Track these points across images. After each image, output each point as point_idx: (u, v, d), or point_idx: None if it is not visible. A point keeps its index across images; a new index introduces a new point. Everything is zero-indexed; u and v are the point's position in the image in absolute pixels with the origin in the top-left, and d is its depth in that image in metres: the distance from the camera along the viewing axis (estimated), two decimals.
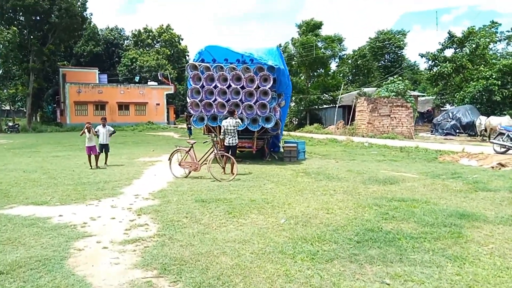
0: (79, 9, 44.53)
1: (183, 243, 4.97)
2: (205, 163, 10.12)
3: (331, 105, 42.16)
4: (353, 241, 5.04)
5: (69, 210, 6.85)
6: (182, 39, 68.08)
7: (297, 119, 41.83)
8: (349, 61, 49.33)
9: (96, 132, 12.51)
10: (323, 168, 11.83)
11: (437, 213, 6.30)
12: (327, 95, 39.06)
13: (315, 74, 40.01)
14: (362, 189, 8.55)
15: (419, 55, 33.63)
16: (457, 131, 27.03)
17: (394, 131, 25.10)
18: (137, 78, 50.72)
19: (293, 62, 39.85)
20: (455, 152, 14.80)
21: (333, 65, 48.58)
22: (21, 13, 40.41)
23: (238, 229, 5.61)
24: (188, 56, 69.94)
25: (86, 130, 12.21)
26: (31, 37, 40.89)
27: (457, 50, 32.94)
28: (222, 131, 11.17)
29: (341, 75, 49.80)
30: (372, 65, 47.24)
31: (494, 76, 28.53)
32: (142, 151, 18.16)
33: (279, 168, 12.05)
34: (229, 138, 11.04)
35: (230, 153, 10.69)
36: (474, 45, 30.06)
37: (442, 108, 38.47)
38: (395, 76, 30.91)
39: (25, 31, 40.98)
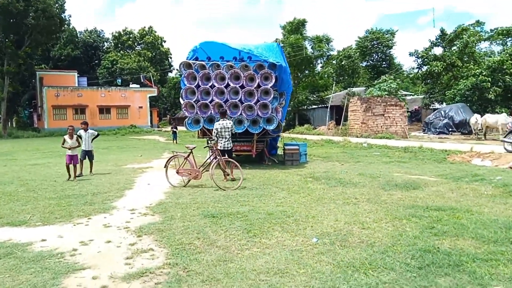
0: (57, 10, 42.68)
1: (204, 277, 3.93)
2: (207, 170, 9.06)
3: (320, 106, 41.58)
4: (413, 267, 4.10)
5: (54, 231, 5.71)
6: (164, 41, 66.61)
7: (285, 120, 41.03)
8: (334, 61, 48.87)
9: (79, 136, 11.13)
10: (330, 172, 10.94)
11: (490, 225, 5.44)
12: (315, 96, 38.40)
13: (303, 74, 39.29)
14: (386, 196, 7.68)
15: (409, 54, 33.15)
16: (450, 129, 26.60)
17: (388, 130, 24.49)
18: (119, 81, 49.05)
19: None
20: (463, 151, 14.14)
21: (318, 66, 48.06)
22: None
23: (266, 254, 4.61)
24: (171, 58, 68.69)
25: (66, 137, 10.66)
26: (6, 39, 38.87)
27: (446, 49, 32.70)
28: (214, 134, 10.09)
29: (326, 75, 49.30)
30: (357, 65, 46.89)
31: (484, 73, 28.35)
32: (129, 156, 16.94)
33: (283, 173, 11.09)
34: (224, 141, 10.01)
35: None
36: (463, 43, 29.82)
37: (430, 107, 38.27)
38: (386, 75, 30.36)
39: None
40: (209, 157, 9.67)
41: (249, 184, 9.24)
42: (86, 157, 11.29)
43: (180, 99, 12.48)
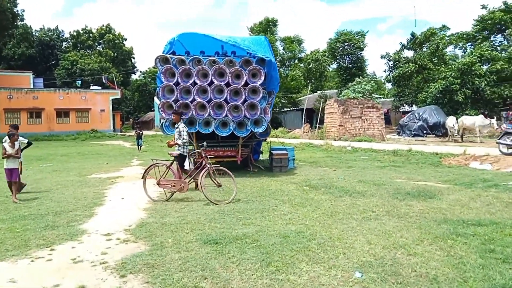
0: (8, 4, 39.47)
1: None
2: (194, 181, 7.72)
3: (291, 108, 40.90)
4: None
5: (4, 272, 4.23)
6: (125, 39, 63.76)
7: None
8: (301, 65, 48.43)
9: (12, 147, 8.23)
10: (327, 179, 9.90)
11: None
12: (287, 98, 37.65)
13: None
14: (405, 208, 6.69)
15: (380, 56, 33.20)
16: (425, 132, 26.52)
17: (366, 133, 23.96)
18: (78, 83, 46.01)
19: None
20: (455, 154, 13.59)
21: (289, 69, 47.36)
22: None
23: None
24: (134, 58, 66.02)
25: (6, 145, 8.08)
26: None
27: (416, 51, 32.90)
28: (183, 137, 8.16)
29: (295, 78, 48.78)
30: (324, 68, 46.67)
31: (453, 75, 28.61)
32: (93, 164, 15.15)
33: (275, 181, 9.92)
34: (187, 146, 8.47)
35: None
36: (434, 45, 30.01)
37: (399, 110, 38.55)
38: (360, 77, 30.04)
39: None
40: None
41: (242, 196, 8.01)
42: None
43: (156, 99, 11.05)
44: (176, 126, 8.39)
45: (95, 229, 5.85)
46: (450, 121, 22.77)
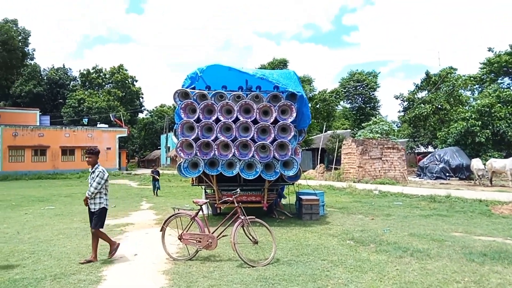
0: (20, 43, 39.69)
1: None
2: (224, 235, 6.35)
3: (302, 148, 39.81)
4: None
5: None
6: (136, 81, 64.10)
7: None
8: (309, 104, 47.74)
9: None
10: (370, 232, 8.50)
11: None
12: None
13: None
14: (495, 278, 5.30)
15: (394, 97, 32.47)
16: (447, 174, 25.17)
17: (387, 175, 22.59)
18: (85, 120, 45.50)
19: None
20: (502, 202, 12.17)
21: None
22: None
23: None
24: (142, 98, 66.05)
25: None
26: None
27: (431, 92, 32.17)
28: (99, 186, 6.30)
29: None
30: (332, 108, 45.99)
31: (473, 117, 27.69)
32: None
33: (310, 232, 8.53)
34: (106, 197, 6.54)
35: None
36: (451, 86, 29.28)
37: (414, 151, 37.34)
38: (377, 117, 29.11)
39: None
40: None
41: (280, 254, 6.61)
42: None
43: (173, 138, 9.91)
44: (92, 170, 6.43)
45: None
46: (477, 164, 21.48)
